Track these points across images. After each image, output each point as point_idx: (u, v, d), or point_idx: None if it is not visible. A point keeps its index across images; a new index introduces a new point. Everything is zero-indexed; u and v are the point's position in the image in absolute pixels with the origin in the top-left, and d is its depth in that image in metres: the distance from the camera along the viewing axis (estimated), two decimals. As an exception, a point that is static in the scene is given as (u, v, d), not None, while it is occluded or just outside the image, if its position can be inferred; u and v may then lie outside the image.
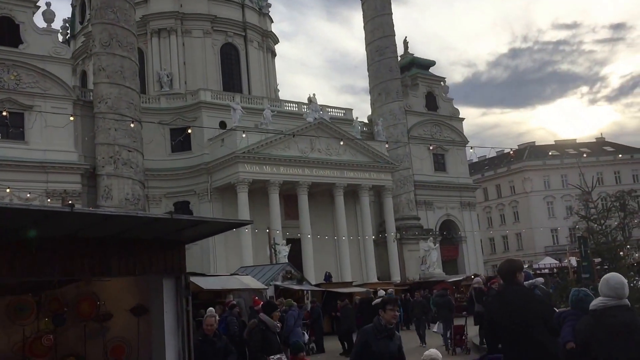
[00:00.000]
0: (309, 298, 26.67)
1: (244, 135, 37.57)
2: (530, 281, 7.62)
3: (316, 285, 30.92)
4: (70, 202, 32.56)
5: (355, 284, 35.42)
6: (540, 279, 8.89)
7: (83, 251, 5.47)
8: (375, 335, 6.01)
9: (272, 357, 7.61)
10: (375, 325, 6.13)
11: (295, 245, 39.54)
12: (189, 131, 34.33)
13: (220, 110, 44.75)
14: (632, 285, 12.38)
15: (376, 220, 50.42)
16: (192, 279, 16.60)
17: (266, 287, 23.57)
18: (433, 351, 6.17)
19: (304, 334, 17.98)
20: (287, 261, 32.15)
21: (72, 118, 33.65)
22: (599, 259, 12.87)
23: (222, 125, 43.54)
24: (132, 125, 34.76)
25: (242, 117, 41.67)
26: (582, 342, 5.21)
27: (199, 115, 44.49)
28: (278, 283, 26.05)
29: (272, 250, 34.22)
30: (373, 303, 20.07)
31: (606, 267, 12.76)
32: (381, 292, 21.98)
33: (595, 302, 5.22)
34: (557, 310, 7.35)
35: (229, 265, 38.06)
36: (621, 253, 14.22)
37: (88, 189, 39.69)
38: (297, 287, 26.33)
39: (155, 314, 6.17)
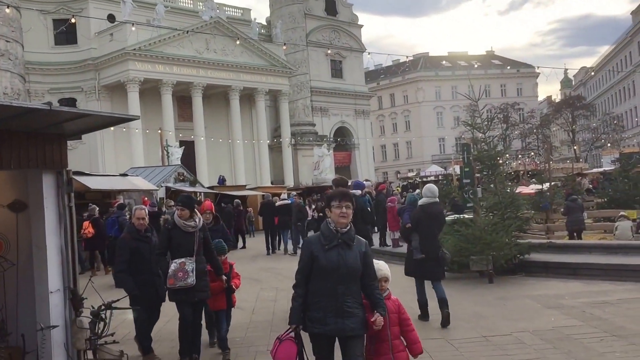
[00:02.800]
0: (202, 200, 26.60)
1: (133, 29, 35.52)
2: (356, 191, 9.98)
3: (209, 188, 30.87)
4: None
5: (249, 187, 35.67)
6: (362, 183, 11.66)
7: (-50, 142, 5.05)
8: (323, 245, 4.44)
9: (175, 260, 6.54)
10: (323, 232, 4.52)
11: (188, 147, 38.90)
12: (73, 21, 31.89)
13: (109, 1, 41.91)
14: (508, 190, 13.24)
15: (272, 125, 50.36)
16: (79, 178, 16.01)
17: (157, 188, 23.24)
18: (382, 264, 4.92)
19: None
20: (179, 163, 31.65)
21: None
22: (480, 166, 13.53)
23: (111, 18, 40.86)
24: (7, 10, 31.77)
25: (133, 10, 39.30)
26: (414, 222, 8.89)
27: (85, 7, 41.40)
28: (170, 185, 25.75)
29: (165, 152, 33.49)
30: (277, 204, 20.36)
31: (485, 173, 13.49)
32: (283, 196, 22.19)
33: (422, 200, 9.02)
34: (401, 206, 12.62)
35: (119, 166, 36.92)
36: (500, 161, 15.06)
37: (-39, 82, 36.49)
38: (189, 190, 26.11)
39: (34, 210, 5.90)
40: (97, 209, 16.64)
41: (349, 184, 9.96)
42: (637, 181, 17.68)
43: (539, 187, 19.60)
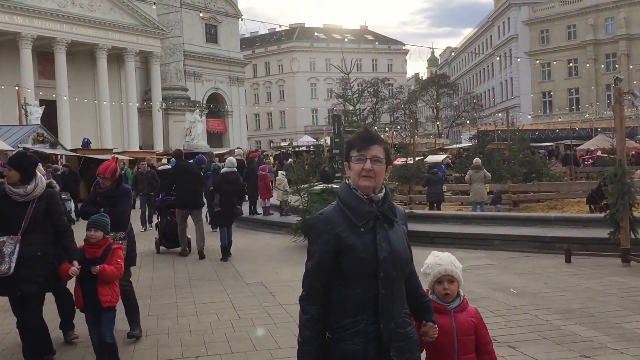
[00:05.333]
0: (63, 163, 25.26)
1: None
2: (195, 161, 14.08)
3: (72, 151, 29.36)
4: None
5: (116, 151, 34.25)
6: (203, 158, 16.18)
7: None
8: (356, 226, 2.57)
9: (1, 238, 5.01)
10: (347, 202, 2.61)
11: (50, 107, 36.59)
12: None
13: (-41, -58, 38.07)
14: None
15: (142, 88, 48.52)
16: None
17: (13, 149, 21.74)
18: (444, 257, 3.19)
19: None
20: (39, 123, 29.74)
21: None
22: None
23: (-39, -39, 37.16)
24: None
25: (-12, -46, 36.00)
26: (215, 186, 11.69)
27: None
28: (27, 146, 24.18)
29: (23, 111, 31.28)
30: (159, 169, 19.35)
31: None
32: (164, 161, 21.46)
33: (223, 170, 12.04)
34: (208, 172, 14.68)
35: (-30, 124, 34.10)
36: (369, 133, 15.52)
37: None
38: (49, 151, 24.70)
39: None
40: None
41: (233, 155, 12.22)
42: (491, 157, 19.00)
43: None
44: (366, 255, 2.53)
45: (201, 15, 49.72)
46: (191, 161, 12.68)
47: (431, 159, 24.17)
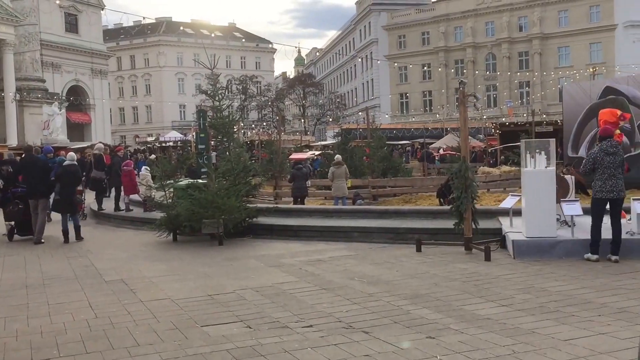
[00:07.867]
0: None
1: None
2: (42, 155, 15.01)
3: None
4: None
5: (-38, 145, 31.66)
6: (49, 148, 17.43)
7: None
8: None
9: None
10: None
11: None
12: None
13: None
14: (256, 160, 13.80)
15: (-8, 78, 45.11)
16: None
17: None
18: None
19: None
20: None
21: None
22: (215, 133, 13.88)
23: None
24: None
25: None
26: (57, 177, 12.80)
27: None
28: None
29: None
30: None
31: (219, 138, 13.91)
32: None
33: (65, 163, 13.15)
34: (53, 164, 15.09)
35: None
36: (235, 129, 15.62)
37: None
38: None
39: None
40: None
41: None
42: (353, 153, 19.75)
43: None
44: None
45: (58, 2, 46.98)
46: (40, 156, 13.85)
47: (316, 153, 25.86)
